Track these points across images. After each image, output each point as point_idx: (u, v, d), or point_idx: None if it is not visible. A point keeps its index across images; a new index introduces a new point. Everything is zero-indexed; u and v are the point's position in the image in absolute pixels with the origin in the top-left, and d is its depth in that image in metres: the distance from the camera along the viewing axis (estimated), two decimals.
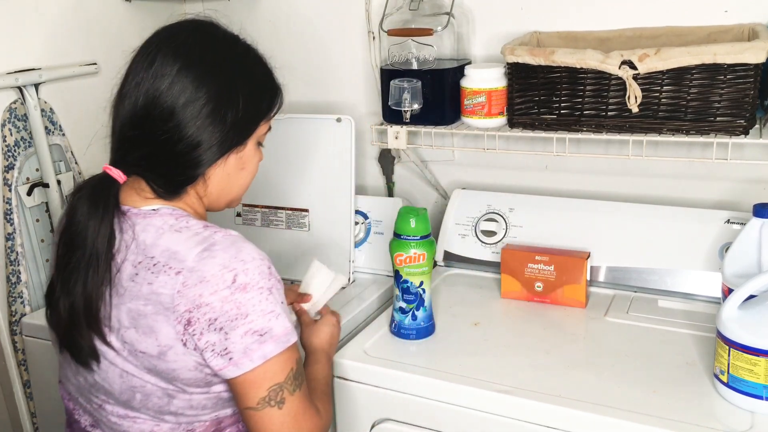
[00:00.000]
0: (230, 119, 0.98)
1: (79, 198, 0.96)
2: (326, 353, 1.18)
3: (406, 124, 1.53)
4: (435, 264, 1.64)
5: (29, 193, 1.57)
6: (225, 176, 1.02)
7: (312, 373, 1.12)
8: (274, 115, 1.08)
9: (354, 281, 1.63)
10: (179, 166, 0.97)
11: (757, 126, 1.31)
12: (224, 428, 1.02)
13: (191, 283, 0.89)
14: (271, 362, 0.92)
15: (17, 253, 1.55)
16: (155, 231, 0.94)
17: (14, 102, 1.54)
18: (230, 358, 0.91)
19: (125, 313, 0.93)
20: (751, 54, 1.21)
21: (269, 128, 1.08)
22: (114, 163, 0.99)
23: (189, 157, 0.96)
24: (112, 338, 0.94)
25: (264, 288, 0.92)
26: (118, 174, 0.97)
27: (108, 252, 0.93)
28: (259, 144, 1.08)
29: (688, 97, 1.29)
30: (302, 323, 1.20)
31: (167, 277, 0.90)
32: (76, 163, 1.68)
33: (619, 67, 1.30)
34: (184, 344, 0.91)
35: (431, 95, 1.51)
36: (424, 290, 1.32)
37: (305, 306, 1.22)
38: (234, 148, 1.01)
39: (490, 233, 1.59)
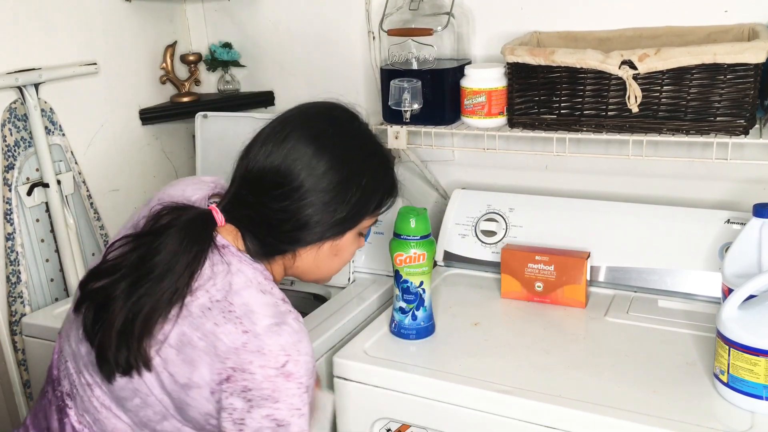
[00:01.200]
0: (340, 211, 1.01)
1: (174, 224, 0.97)
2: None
3: (406, 124, 1.53)
4: (435, 264, 1.64)
5: (29, 193, 1.57)
6: (314, 259, 1.05)
7: None
8: (382, 212, 1.11)
9: (354, 281, 1.63)
10: (278, 238, 1.01)
11: (757, 126, 1.31)
12: None
13: (250, 349, 0.91)
14: None
15: (17, 253, 1.55)
16: (245, 281, 0.96)
17: (14, 102, 1.54)
18: (240, 430, 0.92)
19: (177, 333, 0.93)
20: (751, 54, 1.21)
21: (375, 221, 1.11)
22: (222, 209, 1.01)
23: (291, 234, 1.00)
24: (150, 350, 0.94)
25: (303, 384, 0.94)
26: (220, 219, 1.00)
27: (189, 285, 0.94)
28: (360, 234, 1.11)
29: (688, 97, 1.29)
30: None
31: (234, 329, 0.92)
32: (76, 163, 1.68)
33: (619, 67, 1.30)
34: (212, 392, 0.93)
35: (431, 95, 1.51)
36: (424, 290, 1.32)
37: None
38: (333, 238, 1.04)
39: (490, 233, 1.59)
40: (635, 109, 1.32)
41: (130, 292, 0.93)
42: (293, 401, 0.92)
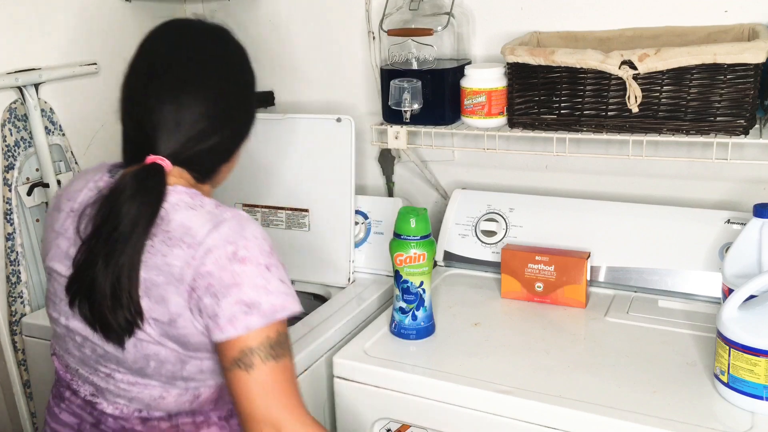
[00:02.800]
0: (237, 126, 1.10)
1: (123, 187, 1.00)
2: None
3: (406, 124, 1.53)
4: (435, 264, 1.64)
5: (29, 193, 1.57)
6: (227, 168, 1.13)
7: None
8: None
9: (354, 281, 1.63)
10: (215, 159, 1.09)
11: (757, 126, 1.31)
12: (226, 394, 1.06)
13: (199, 256, 0.95)
14: (255, 333, 0.95)
15: (17, 253, 1.55)
16: (172, 206, 1.00)
17: (14, 102, 1.54)
18: (217, 323, 0.95)
19: (141, 282, 0.97)
20: (751, 54, 1.21)
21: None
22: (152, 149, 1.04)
23: (220, 151, 1.09)
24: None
25: (261, 264, 0.97)
26: (167, 164, 1.02)
27: (147, 228, 0.98)
28: None
29: (688, 97, 1.29)
30: None
31: (180, 251, 0.96)
32: (76, 163, 1.68)
33: (619, 67, 1.30)
34: (191, 311, 0.96)
35: (431, 95, 1.50)
36: (424, 290, 1.32)
37: None
38: (239, 147, 1.12)
39: (490, 233, 1.59)
40: (635, 109, 1.32)
41: (107, 262, 0.96)
42: (256, 281, 0.95)
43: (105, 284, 0.96)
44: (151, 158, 1.01)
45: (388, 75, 1.54)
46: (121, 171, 1.05)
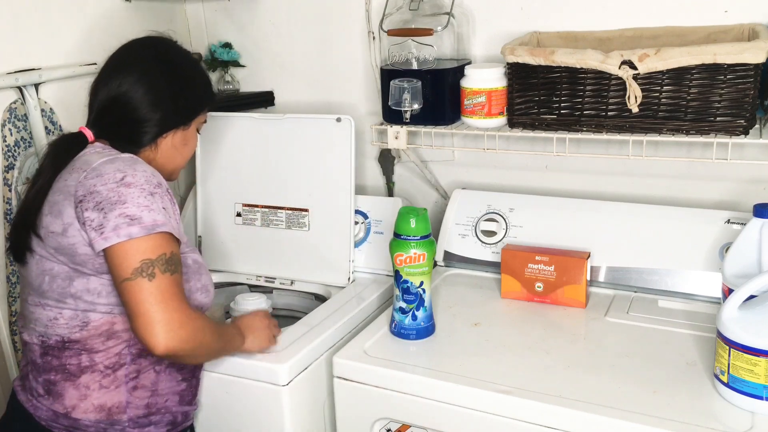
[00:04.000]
0: (167, 110, 1.27)
1: (53, 146, 1.24)
2: (239, 329, 1.30)
3: (406, 124, 1.53)
4: (435, 264, 1.64)
5: None
6: (171, 147, 1.29)
7: (222, 327, 1.30)
8: (208, 111, 1.38)
9: (354, 281, 1.63)
10: (134, 134, 1.26)
11: (757, 126, 1.31)
12: (117, 331, 1.17)
13: (90, 177, 1.13)
14: (138, 242, 1.10)
15: None
16: (83, 154, 1.20)
17: (14, 102, 1.54)
18: (101, 233, 1.10)
19: (47, 204, 1.16)
20: (751, 54, 1.21)
21: (205, 120, 1.38)
22: (90, 126, 1.27)
23: (139, 128, 1.26)
24: (40, 231, 1.16)
25: (146, 189, 1.13)
26: (89, 134, 1.24)
27: (53, 176, 1.18)
28: (198, 131, 1.36)
29: (688, 97, 1.29)
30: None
31: (77, 175, 1.15)
32: None
33: (619, 67, 1.30)
34: (78, 220, 1.12)
35: (431, 95, 1.51)
36: (424, 290, 1.32)
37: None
38: (180, 127, 1.29)
39: (490, 233, 1.59)
40: (635, 109, 1.32)
41: (27, 197, 1.20)
42: (139, 201, 1.12)
43: (20, 211, 1.20)
44: (81, 127, 1.25)
45: (388, 75, 1.54)
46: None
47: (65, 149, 1.22)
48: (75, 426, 1.18)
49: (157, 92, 1.26)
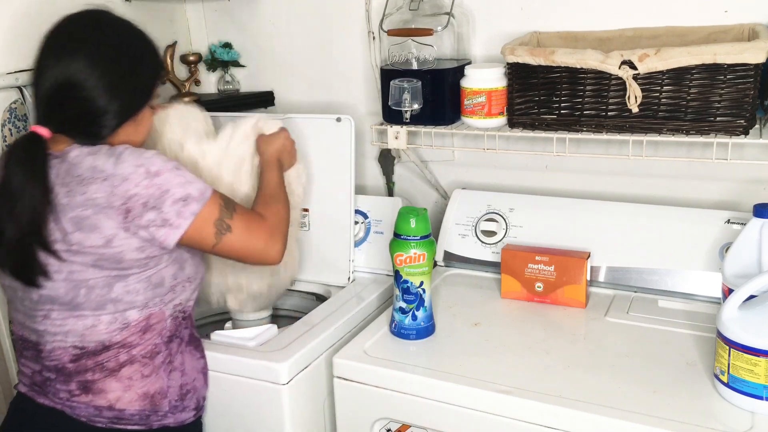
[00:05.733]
0: (123, 97, 1.20)
1: (12, 154, 1.16)
2: (277, 160, 1.42)
3: (406, 124, 1.53)
4: (435, 264, 1.64)
5: None
6: (129, 131, 1.23)
7: (262, 181, 1.38)
8: (161, 84, 1.34)
9: (354, 281, 1.63)
10: (93, 127, 1.19)
11: (757, 126, 1.31)
12: (152, 324, 1.20)
13: (117, 183, 1.12)
14: (202, 213, 1.15)
15: None
16: (75, 156, 1.15)
17: (14, 102, 1.54)
18: (170, 224, 1.13)
19: (68, 222, 1.12)
20: (751, 54, 1.21)
21: (159, 94, 1.30)
22: (42, 122, 1.19)
23: (100, 121, 1.19)
24: (57, 246, 1.13)
25: (171, 168, 1.15)
26: (45, 132, 1.17)
27: (46, 187, 1.13)
28: (152, 107, 1.29)
29: (688, 97, 1.29)
30: (260, 140, 1.46)
31: (97, 185, 1.12)
32: None
33: (619, 67, 1.30)
34: (126, 230, 1.12)
35: (431, 95, 1.51)
36: (424, 290, 1.32)
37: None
38: (132, 116, 1.22)
39: (490, 233, 1.59)
40: (635, 109, 1.32)
41: (10, 213, 1.12)
42: (177, 180, 1.14)
43: (12, 232, 1.12)
44: (33, 127, 1.18)
45: (388, 75, 1.54)
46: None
47: (30, 157, 1.15)
48: (120, 417, 1.19)
49: (111, 77, 1.17)
